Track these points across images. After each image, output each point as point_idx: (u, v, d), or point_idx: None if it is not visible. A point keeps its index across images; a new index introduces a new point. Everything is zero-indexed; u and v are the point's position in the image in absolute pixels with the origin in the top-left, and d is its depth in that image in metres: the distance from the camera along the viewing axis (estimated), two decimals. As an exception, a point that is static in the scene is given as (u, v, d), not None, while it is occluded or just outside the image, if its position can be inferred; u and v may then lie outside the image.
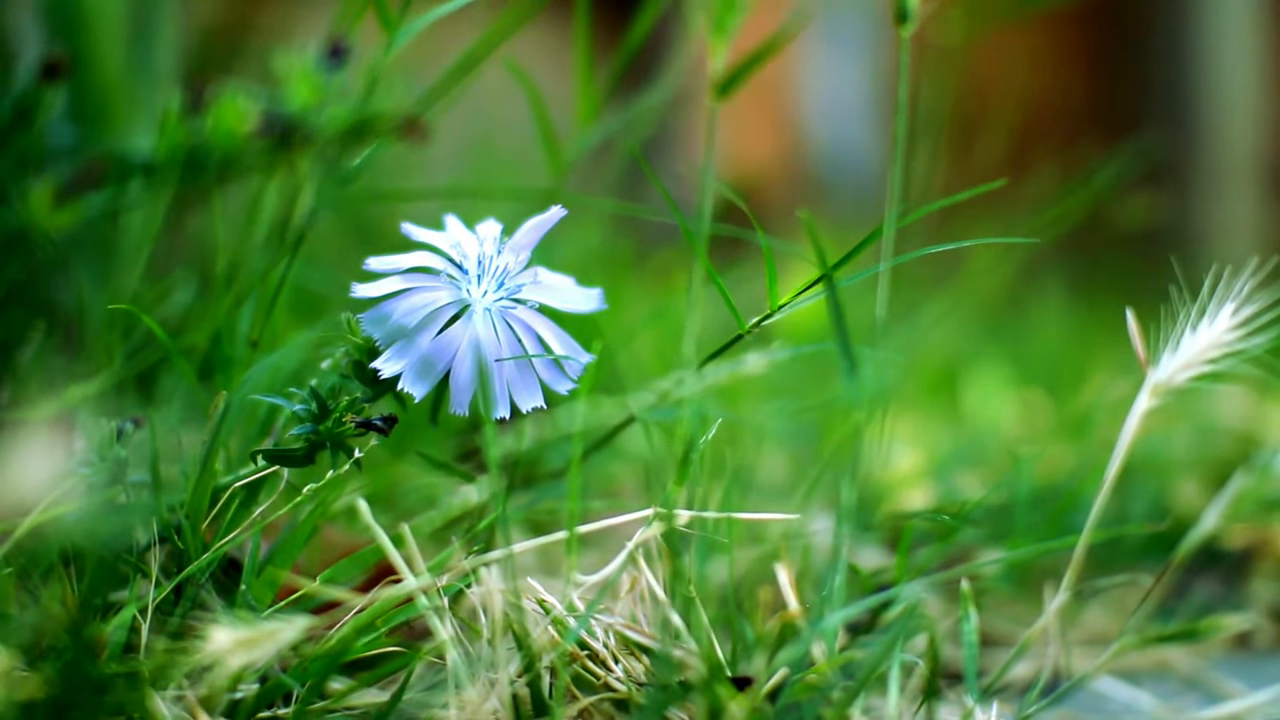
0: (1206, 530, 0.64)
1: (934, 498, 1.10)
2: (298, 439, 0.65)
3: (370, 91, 0.74)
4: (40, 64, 0.81)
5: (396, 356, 0.65)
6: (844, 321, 0.62)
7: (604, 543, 0.85)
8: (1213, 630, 0.65)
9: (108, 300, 0.80)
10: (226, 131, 0.79)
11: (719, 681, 0.59)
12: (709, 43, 0.66)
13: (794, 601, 0.67)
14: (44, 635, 0.56)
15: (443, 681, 0.61)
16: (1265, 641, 0.95)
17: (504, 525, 0.64)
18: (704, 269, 0.67)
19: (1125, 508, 1.08)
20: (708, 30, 0.66)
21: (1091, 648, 0.87)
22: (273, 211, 0.77)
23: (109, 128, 1.06)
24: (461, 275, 0.67)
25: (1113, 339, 1.62)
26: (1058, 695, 0.68)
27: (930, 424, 1.40)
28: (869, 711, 0.68)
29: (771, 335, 0.71)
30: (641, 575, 0.65)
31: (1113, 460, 0.65)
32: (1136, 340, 0.65)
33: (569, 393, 0.68)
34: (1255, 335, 0.64)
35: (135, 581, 0.64)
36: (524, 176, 1.43)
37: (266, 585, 0.66)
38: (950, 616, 0.84)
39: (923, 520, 0.78)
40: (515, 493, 0.79)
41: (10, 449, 0.55)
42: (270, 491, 0.67)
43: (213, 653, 0.56)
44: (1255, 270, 0.64)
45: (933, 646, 0.64)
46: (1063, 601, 0.66)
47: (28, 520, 0.61)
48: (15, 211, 0.79)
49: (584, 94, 0.90)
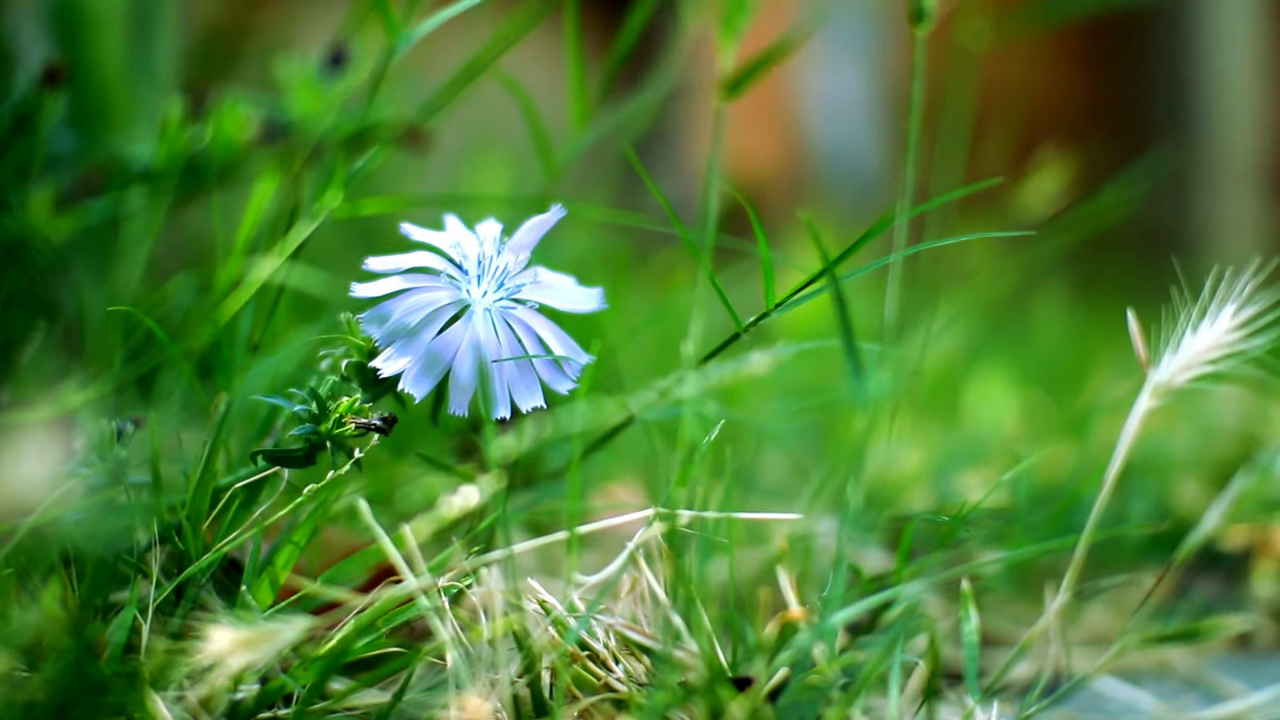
0: (1207, 530, 0.64)
1: (935, 498, 1.09)
2: (298, 439, 0.65)
3: (372, 99, 0.74)
4: (40, 70, 0.81)
5: (396, 356, 0.65)
6: (850, 321, 0.62)
7: (605, 543, 0.85)
8: (1213, 630, 0.65)
9: (108, 302, 0.80)
10: (227, 139, 0.79)
11: (720, 682, 0.59)
12: (718, 43, 0.66)
13: (795, 602, 0.67)
14: (44, 636, 0.56)
15: (443, 682, 0.61)
16: (1266, 641, 0.95)
17: (504, 525, 0.64)
18: (705, 270, 0.67)
19: (1126, 508, 1.07)
20: (717, 30, 0.66)
21: (1092, 648, 0.87)
22: (273, 216, 0.77)
23: (109, 131, 1.06)
24: (461, 275, 0.67)
25: (1114, 339, 1.62)
26: (1058, 695, 0.68)
27: (931, 423, 1.40)
28: (869, 711, 0.68)
29: (774, 335, 0.71)
30: (642, 576, 0.65)
31: (1113, 460, 0.65)
32: (1137, 341, 0.65)
33: (569, 393, 0.68)
34: (1256, 336, 0.64)
35: (136, 582, 0.64)
36: (523, 176, 1.43)
37: (267, 586, 0.66)
38: (951, 617, 0.84)
39: (923, 521, 0.78)
40: (516, 493, 0.79)
41: (11, 450, 0.55)
42: (271, 492, 0.67)
43: (213, 653, 0.56)
44: (1256, 271, 0.64)
45: (933, 647, 0.64)
46: (1063, 601, 0.66)
47: (28, 521, 0.61)
48: (16, 218, 0.80)
49: (577, 96, 0.90)
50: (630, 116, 1.01)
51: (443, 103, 0.79)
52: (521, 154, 1.30)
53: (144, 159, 0.82)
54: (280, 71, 0.78)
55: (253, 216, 0.77)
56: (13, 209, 0.80)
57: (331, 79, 0.76)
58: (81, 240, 0.88)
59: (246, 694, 0.61)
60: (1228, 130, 3.60)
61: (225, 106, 0.80)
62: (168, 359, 0.78)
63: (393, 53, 0.73)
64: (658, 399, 0.68)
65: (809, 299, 0.67)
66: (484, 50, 0.80)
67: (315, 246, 0.76)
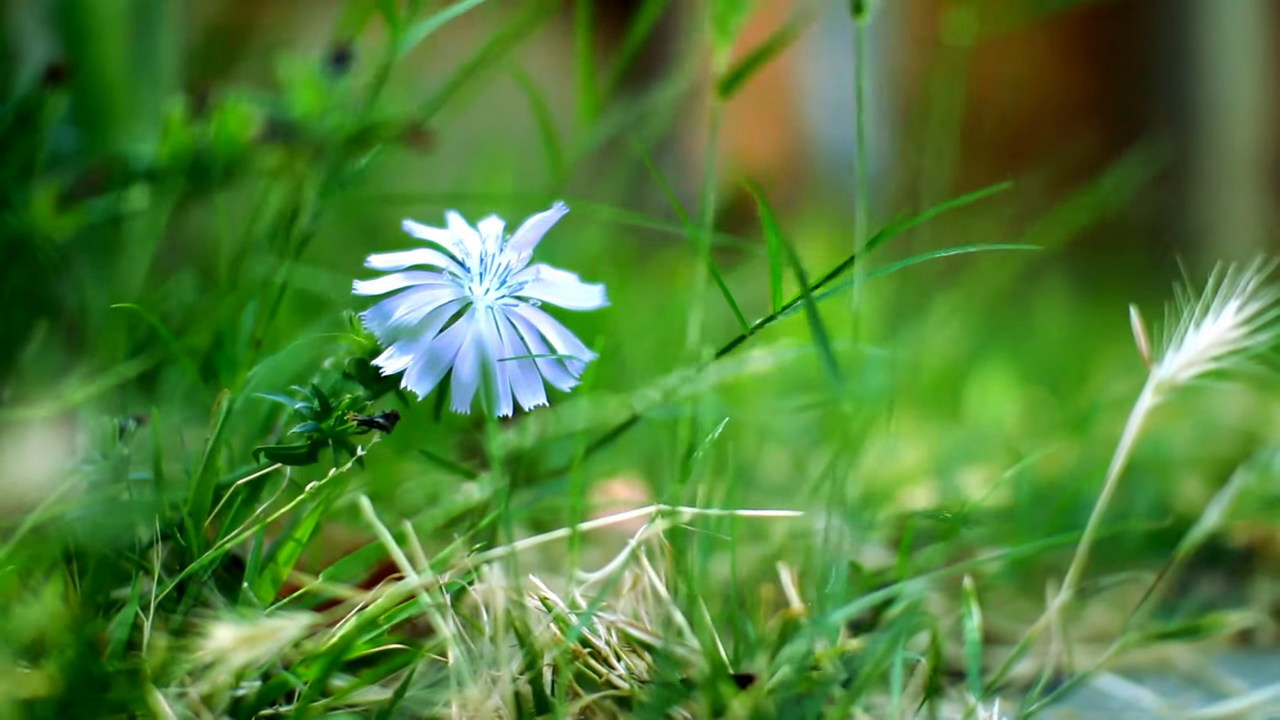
0: (1209, 528, 0.64)
1: (936, 495, 1.09)
2: (300, 437, 0.65)
3: (375, 97, 0.74)
4: (43, 69, 0.82)
5: (399, 354, 0.65)
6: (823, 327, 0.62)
7: (606, 540, 0.85)
8: (1215, 628, 0.65)
9: (110, 300, 0.80)
10: (229, 137, 0.79)
11: (721, 679, 0.59)
12: (712, 42, 0.66)
13: (796, 599, 0.67)
14: (47, 632, 0.56)
15: (445, 679, 0.62)
16: (1267, 639, 0.95)
17: (506, 522, 0.64)
18: (707, 268, 0.67)
19: (1128, 505, 1.07)
20: (711, 30, 0.66)
21: (1094, 645, 0.87)
22: (276, 213, 0.77)
23: (111, 129, 1.06)
24: (464, 273, 0.67)
25: (1116, 336, 1.61)
26: (1060, 693, 0.68)
27: (933, 421, 1.40)
28: (871, 709, 0.67)
29: (777, 332, 0.71)
30: (644, 573, 0.65)
31: (1115, 458, 0.65)
32: (1140, 337, 0.65)
33: (572, 390, 0.68)
34: (1258, 333, 0.64)
35: (138, 579, 0.64)
36: (528, 174, 1.43)
37: (269, 583, 0.66)
38: (952, 614, 0.84)
39: (925, 518, 0.78)
40: (517, 490, 0.79)
41: (13, 447, 0.55)
42: (273, 489, 0.67)
43: (215, 650, 0.56)
44: (1258, 267, 0.64)
45: (935, 644, 0.64)
46: (1065, 599, 0.66)
47: (31, 517, 0.61)
48: (19, 216, 0.80)
49: (585, 94, 0.90)
50: (638, 115, 1.01)
51: (446, 100, 0.79)
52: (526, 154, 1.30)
53: (146, 157, 0.82)
54: (283, 70, 0.78)
55: (255, 215, 0.77)
56: (15, 207, 0.80)
57: (334, 77, 0.76)
58: (84, 238, 0.88)
59: (248, 691, 0.61)
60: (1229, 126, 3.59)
61: (228, 105, 0.80)
62: (170, 356, 0.78)
63: (395, 50, 0.73)
64: (660, 397, 0.68)
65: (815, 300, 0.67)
66: (488, 46, 0.80)
67: (318, 244, 0.76)
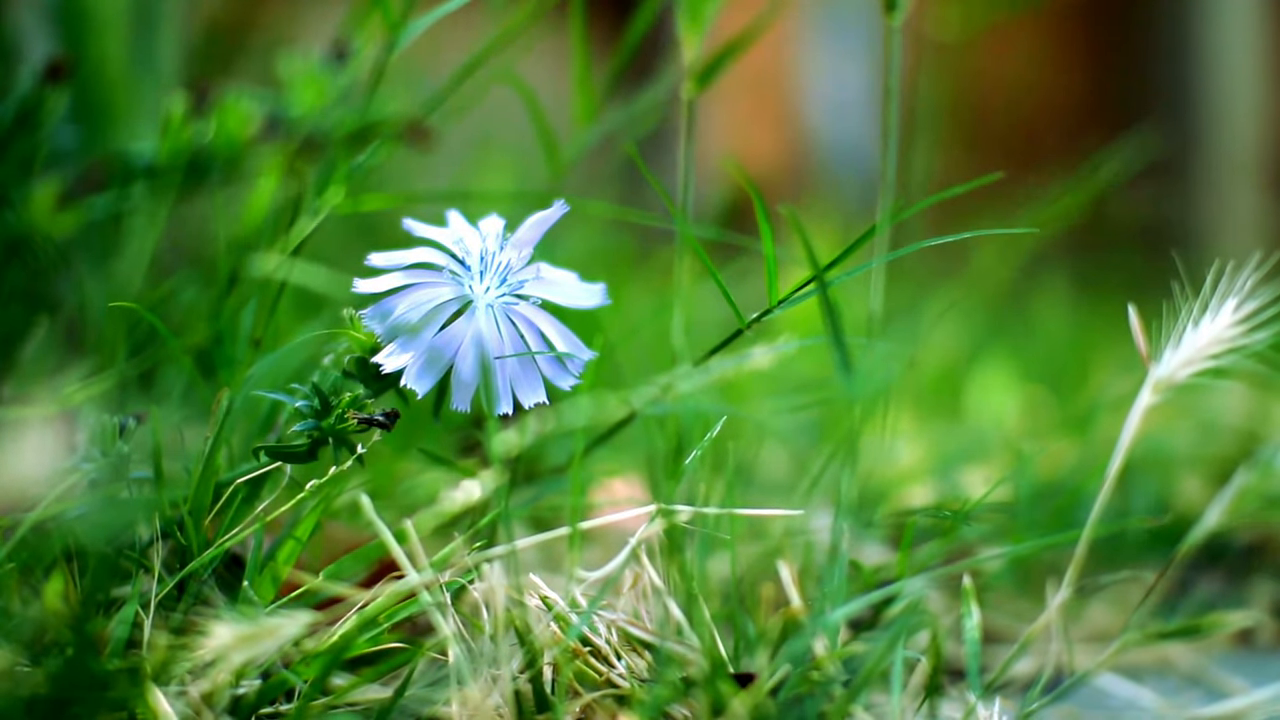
0: (1209, 527, 0.64)
1: (936, 494, 1.09)
2: (300, 435, 0.65)
3: (374, 95, 0.74)
4: (43, 66, 0.82)
5: (399, 352, 0.65)
6: (838, 319, 0.62)
7: (606, 539, 0.85)
8: (1215, 627, 0.65)
9: (110, 297, 0.80)
10: (229, 135, 0.79)
11: (721, 678, 0.59)
12: (685, 34, 0.66)
13: (796, 598, 0.67)
14: (46, 631, 0.56)
15: (445, 677, 0.62)
16: (1267, 638, 0.95)
17: (506, 521, 0.64)
18: (693, 265, 0.67)
19: (1128, 504, 1.07)
20: (683, 21, 0.66)
21: (1094, 644, 0.87)
22: (276, 211, 0.77)
23: (111, 127, 1.06)
24: (464, 271, 0.67)
25: (1115, 335, 1.61)
26: (1060, 692, 0.68)
27: (933, 419, 1.40)
28: (871, 708, 0.67)
29: (776, 329, 0.71)
30: (644, 571, 0.65)
31: (1115, 456, 0.65)
32: (1139, 336, 0.65)
33: (571, 388, 0.68)
34: (1257, 331, 0.64)
35: (138, 577, 0.64)
36: (527, 173, 1.43)
37: (269, 581, 0.66)
38: (952, 613, 0.84)
39: (925, 516, 0.78)
40: (518, 488, 0.79)
41: (13, 445, 0.55)
42: (273, 488, 0.67)
43: (215, 648, 0.56)
44: (1257, 266, 0.64)
45: (935, 643, 0.64)
46: (1065, 598, 0.66)
47: (31, 516, 0.61)
48: (19, 213, 0.80)
49: (582, 94, 0.90)
50: (636, 114, 1.01)
51: (445, 98, 0.79)
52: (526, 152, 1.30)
53: (146, 155, 0.82)
54: (282, 68, 0.78)
55: (255, 212, 0.77)
56: (15, 205, 0.80)
57: (333, 75, 0.76)
58: (84, 236, 0.88)
59: (248, 689, 0.61)
60: (1229, 125, 3.59)
61: (228, 102, 0.80)
62: (170, 354, 0.78)
63: (393, 48, 0.73)
64: (659, 395, 0.68)
65: (811, 296, 0.67)
66: (486, 46, 0.80)
67: (317, 242, 0.76)
